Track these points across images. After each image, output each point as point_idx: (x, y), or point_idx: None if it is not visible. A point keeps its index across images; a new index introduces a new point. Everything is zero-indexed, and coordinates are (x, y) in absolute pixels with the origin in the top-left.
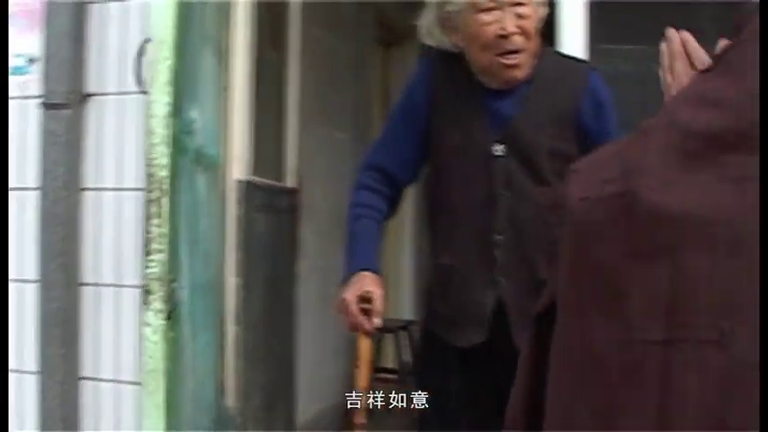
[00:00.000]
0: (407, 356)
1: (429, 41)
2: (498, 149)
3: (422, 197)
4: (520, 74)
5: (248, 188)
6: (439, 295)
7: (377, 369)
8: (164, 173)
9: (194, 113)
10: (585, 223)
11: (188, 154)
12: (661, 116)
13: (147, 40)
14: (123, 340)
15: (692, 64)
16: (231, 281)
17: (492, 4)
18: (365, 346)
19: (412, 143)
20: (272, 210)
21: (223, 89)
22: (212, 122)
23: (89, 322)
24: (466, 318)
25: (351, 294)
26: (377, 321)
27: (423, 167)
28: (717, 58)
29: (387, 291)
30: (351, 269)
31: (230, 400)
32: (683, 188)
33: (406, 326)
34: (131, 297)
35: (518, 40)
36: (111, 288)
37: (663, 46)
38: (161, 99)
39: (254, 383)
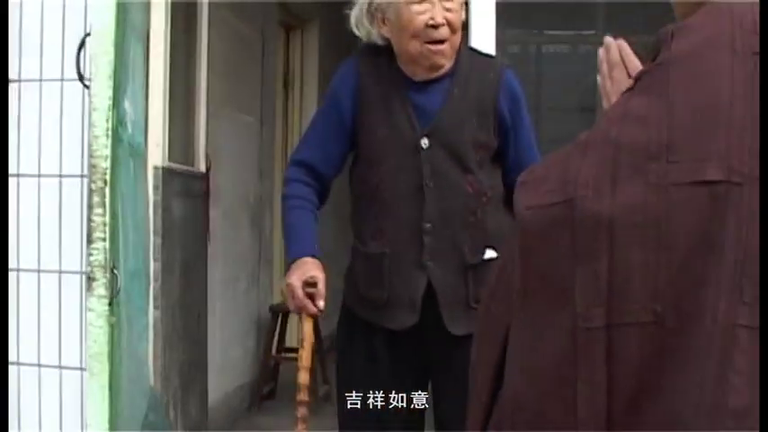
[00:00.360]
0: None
1: (358, 32)
2: (425, 142)
3: (349, 187)
4: (445, 62)
5: (166, 174)
6: (368, 281)
7: (285, 348)
8: (105, 164)
9: (127, 104)
10: (533, 229)
11: (123, 144)
12: (595, 131)
13: (87, 34)
14: (65, 326)
15: (628, 72)
16: (151, 265)
17: None
18: (309, 327)
19: (338, 140)
20: (187, 195)
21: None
22: (140, 111)
23: (31, 308)
24: (398, 302)
25: (296, 279)
26: (320, 304)
27: (347, 160)
28: (636, 79)
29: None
30: (292, 255)
31: (154, 381)
32: (616, 196)
33: None
34: (73, 283)
35: (445, 31)
36: (54, 274)
37: (601, 53)
38: (102, 93)
39: (173, 365)
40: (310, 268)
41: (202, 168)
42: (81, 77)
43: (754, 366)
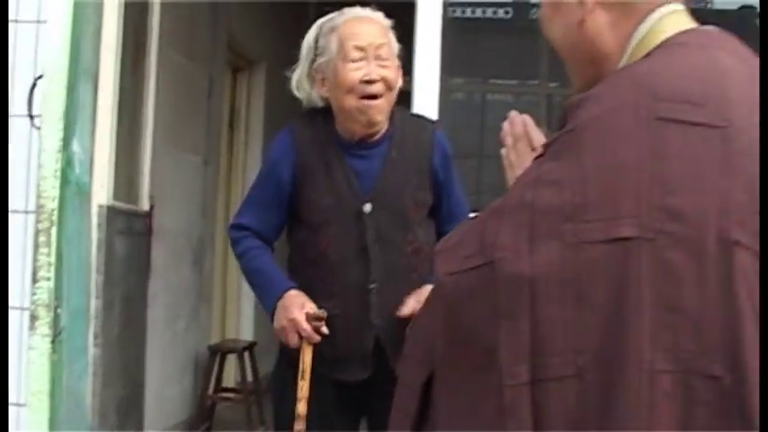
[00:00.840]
0: (250, 376)
1: (298, 94)
2: (367, 207)
3: (290, 250)
4: (380, 117)
5: (110, 213)
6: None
7: (222, 389)
8: (53, 204)
9: (76, 145)
10: (454, 294)
11: (71, 185)
12: (509, 197)
13: (39, 77)
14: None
15: (532, 145)
16: (92, 303)
17: (359, 55)
18: (309, 358)
19: (278, 210)
20: (130, 233)
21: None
22: (87, 151)
23: None
24: (349, 358)
25: (299, 314)
26: (325, 330)
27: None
28: (546, 146)
29: (231, 314)
30: (275, 293)
31: (92, 418)
32: (535, 256)
33: (249, 347)
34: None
35: (380, 87)
36: None
37: (505, 127)
38: (53, 134)
39: (110, 402)
40: (304, 300)
41: (146, 207)
42: (32, 118)
43: (680, 410)
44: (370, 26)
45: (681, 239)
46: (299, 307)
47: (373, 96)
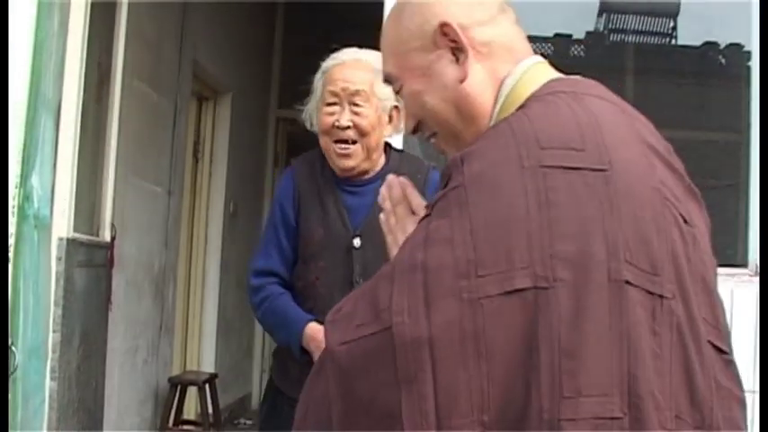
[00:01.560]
0: (210, 408)
1: (309, 127)
2: (357, 242)
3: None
4: (351, 163)
5: (70, 245)
6: (305, 367)
7: (183, 421)
8: (10, 241)
9: (35, 180)
10: (350, 362)
11: (28, 220)
12: (399, 260)
13: None
14: None
15: (411, 209)
16: (49, 337)
17: (333, 100)
18: None
19: (291, 246)
20: (90, 264)
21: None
22: (47, 184)
23: None
24: None
25: None
26: None
27: None
28: (431, 206)
29: (192, 345)
30: (298, 328)
31: None
32: (432, 317)
33: (209, 379)
34: None
35: (351, 133)
36: None
37: (383, 191)
38: (10, 170)
39: None
40: None
41: (107, 238)
42: None
43: None
44: (353, 71)
45: (574, 285)
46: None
47: (344, 141)
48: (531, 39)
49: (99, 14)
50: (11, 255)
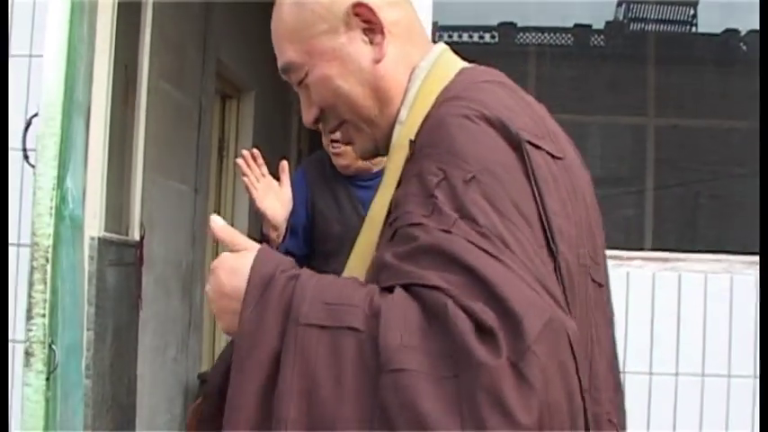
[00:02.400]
0: None
1: None
2: None
3: None
4: (343, 161)
5: (101, 244)
6: None
7: None
8: (48, 242)
9: (69, 181)
10: None
11: (65, 221)
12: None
13: (35, 115)
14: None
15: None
16: (84, 335)
17: None
18: None
19: (298, 244)
20: (120, 263)
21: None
22: (79, 184)
23: None
24: None
25: None
26: None
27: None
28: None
29: (220, 342)
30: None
31: None
32: None
33: None
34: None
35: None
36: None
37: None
38: (48, 173)
39: None
40: None
41: (137, 237)
42: (26, 157)
43: None
44: None
45: (567, 263)
46: None
47: (337, 141)
48: (551, 30)
49: (124, 18)
50: (49, 256)
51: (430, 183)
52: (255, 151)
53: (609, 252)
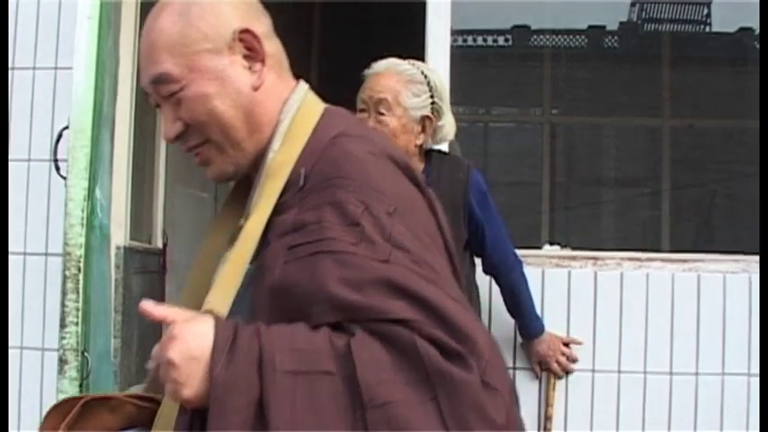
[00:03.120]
0: None
1: None
2: None
3: None
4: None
5: (127, 253)
6: None
7: None
8: (80, 251)
9: (98, 192)
10: None
11: (95, 230)
12: None
13: (65, 128)
14: (45, 401)
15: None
16: (111, 343)
17: (362, 106)
18: None
19: None
20: (145, 271)
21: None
22: (106, 195)
23: (13, 383)
24: None
25: None
26: None
27: None
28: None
29: None
30: None
31: None
32: None
33: None
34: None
35: None
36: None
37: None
38: (79, 184)
39: None
40: None
41: (160, 245)
42: (57, 168)
43: None
44: (379, 80)
45: None
46: None
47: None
48: (565, 32)
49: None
50: (81, 265)
51: (352, 212)
52: None
53: (627, 254)
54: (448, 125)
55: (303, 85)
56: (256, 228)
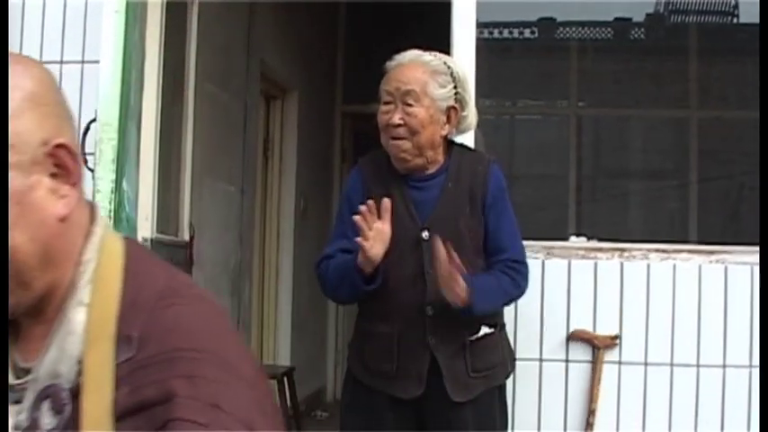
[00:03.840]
0: (288, 401)
1: None
2: (425, 234)
3: None
4: (406, 156)
5: (154, 245)
6: (378, 357)
7: None
8: None
9: (125, 184)
10: None
11: (122, 223)
12: None
13: (93, 120)
14: None
15: None
16: None
17: (388, 98)
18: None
19: (355, 234)
20: (172, 263)
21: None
22: (133, 188)
23: None
24: (406, 374)
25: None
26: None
27: None
28: None
29: (269, 340)
30: (353, 261)
31: None
32: None
33: (287, 372)
34: None
35: (401, 131)
36: None
37: None
38: (106, 176)
39: None
40: None
41: (186, 237)
42: (85, 161)
43: None
44: (405, 72)
45: None
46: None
47: (397, 138)
48: (591, 24)
49: (171, 22)
50: None
51: (211, 390)
52: (371, 203)
53: (654, 245)
54: (471, 115)
55: (98, 207)
56: (103, 414)
